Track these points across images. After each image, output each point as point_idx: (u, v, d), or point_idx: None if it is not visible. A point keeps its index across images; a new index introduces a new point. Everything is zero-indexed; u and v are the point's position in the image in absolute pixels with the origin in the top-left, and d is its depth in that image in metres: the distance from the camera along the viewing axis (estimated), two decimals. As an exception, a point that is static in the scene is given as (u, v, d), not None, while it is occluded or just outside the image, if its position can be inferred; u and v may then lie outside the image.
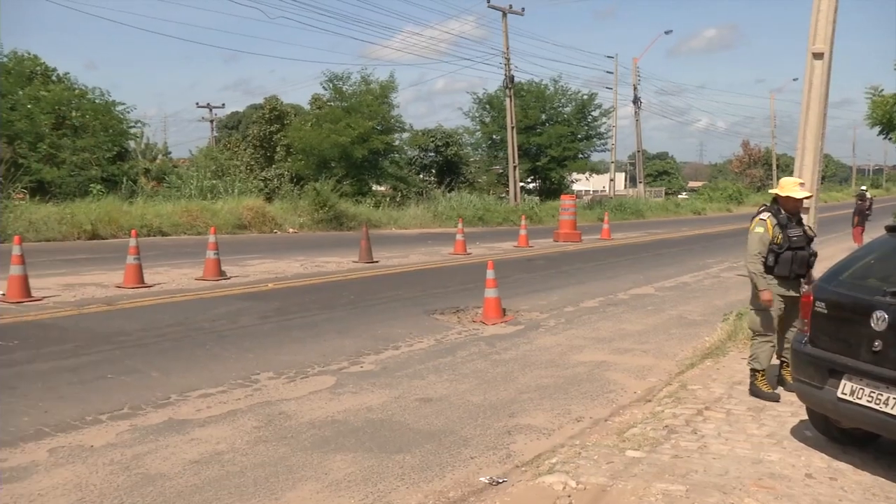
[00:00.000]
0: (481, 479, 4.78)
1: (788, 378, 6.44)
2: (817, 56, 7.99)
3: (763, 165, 74.15)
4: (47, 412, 5.80)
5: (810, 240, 6.58)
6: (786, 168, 58.77)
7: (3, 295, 10.17)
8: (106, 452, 5.05)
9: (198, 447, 5.19)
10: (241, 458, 5.03)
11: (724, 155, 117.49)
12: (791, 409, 5.99)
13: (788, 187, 6.52)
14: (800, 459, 5.06)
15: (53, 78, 27.05)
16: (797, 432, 5.58)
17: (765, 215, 6.45)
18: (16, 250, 10.27)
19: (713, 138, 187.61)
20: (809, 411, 5.52)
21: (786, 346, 6.54)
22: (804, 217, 6.82)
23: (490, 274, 10.13)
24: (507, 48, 34.96)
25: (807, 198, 6.65)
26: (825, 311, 5.17)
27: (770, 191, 6.90)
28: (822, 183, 8.66)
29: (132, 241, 11.86)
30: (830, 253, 14.32)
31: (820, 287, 5.40)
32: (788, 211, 6.49)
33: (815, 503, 4.39)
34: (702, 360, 7.78)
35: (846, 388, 4.87)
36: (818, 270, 6.70)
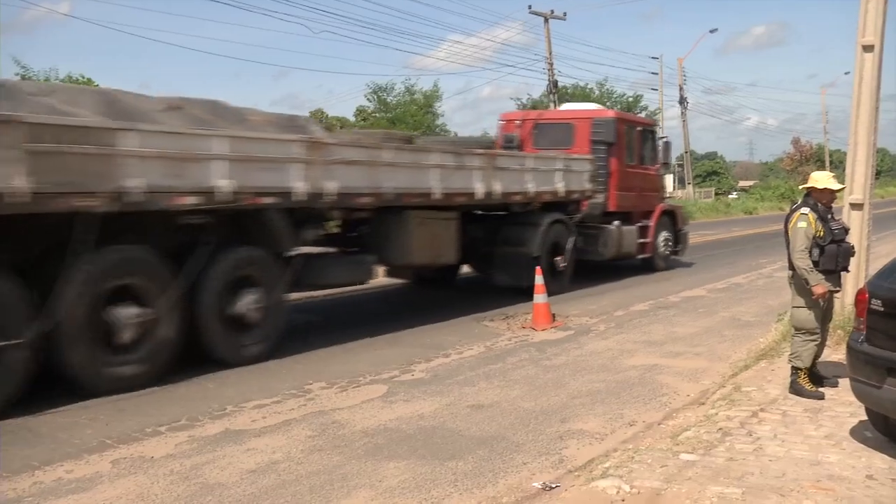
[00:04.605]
0: (534, 484, 4.78)
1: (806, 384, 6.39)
2: (867, 48, 7.82)
3: (815, 162, 72.58)
4: (108, 424, 5.97)
5: (846, 231, 6.50)
6: (839, 164, 57.49)
7: None
8: (166, 463, 5.18)
9: (254, 457, 5.29)
10: (297, 466, 5.12)
11: (774, 153, 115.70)
12: (850, 409, 5.86)
13: (824, 180, 6.46)
14: (860, 461, 4.95)
15: None
16: (856, 433, 5.46)
17: (805, 209, 6.36)
18: None
19: (763, 136, 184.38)
20: (868, 411, 5.40)
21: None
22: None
23: (539, 279, 10.12)
24: (550, 53, 34.90)
25: (842, 189, 6.60)
26: (882, 309, 5.06)
27: (801, 186, 6.83)
28: (877, 178, 8.48)
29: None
30: (888, 250, 13.97)
31: (876, 284, 5.29)
32: (824, 204, 6.43)
33: (877, 505, 4.31)
34: (756, 361, 7.66)
35: (906, 387, 4.77)
36: (873, 268, 6.59)
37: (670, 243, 15.97)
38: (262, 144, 7.92)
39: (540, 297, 10.04)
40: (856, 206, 7.97)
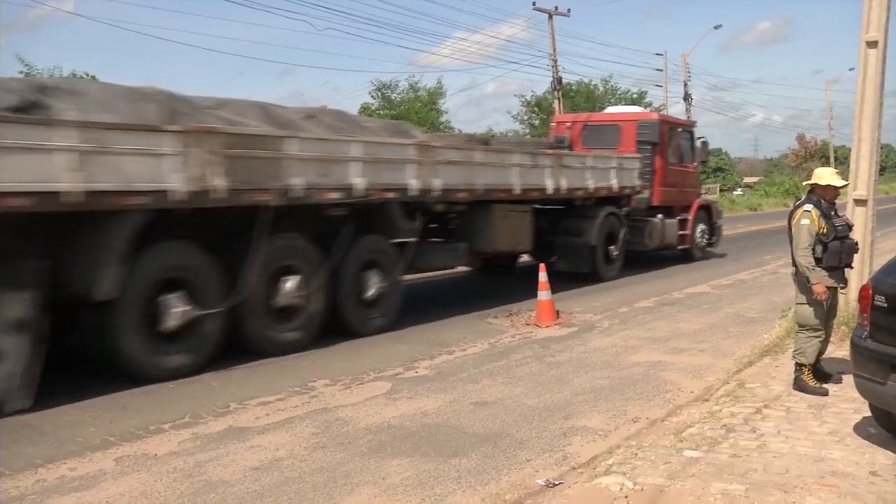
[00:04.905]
0: (537, 481, 4.78)
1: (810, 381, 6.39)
2: (871, 44, 7.79)
3: (820, 158, 72.30)
4: (112, 422, 5.98)
5: (850, 228, 6.48)
6: (844, 160, 57.25)
7: None
8: (169, 460, 5.19)
9: (258, 454, 5.30)
10: (300, 464, 5.13)
11: (779, 149, 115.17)
12: (854, 405, 5.84)
13: (826, 176, 6.46)
14: (863, 457, 4.95)
15: None
16: (861, 429, 5.45)
17: (808, 206, 6.35)
18: None
19: (768, 133, 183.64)
20: (873, 408, 5.38)
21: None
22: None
23: (542, 276, 10.12)
24: (555, 49, 34.70)
25: (845, 185, 6.60)
26: (885, 305, 5.04)
27: (805, 182, 6.81)
28: (882, 174, 8.46)
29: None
30: (892, 246, 13.95)
31: (880, 280, 5.27)
32: (827, 201, 6.42)
33: (881, 501, 4.30)
34: (760, 357, 7.65)
35: (910, 384, 4.75)
36: (877, 264, 6.58)
37: (706, 235, 17.21)
38: (387, 148, 9.48)
39: (544, 295, 10.04)
40: (860, 203, 7.96)
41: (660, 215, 15.50)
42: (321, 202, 8.45)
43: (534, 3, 33.91)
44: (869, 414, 5.50)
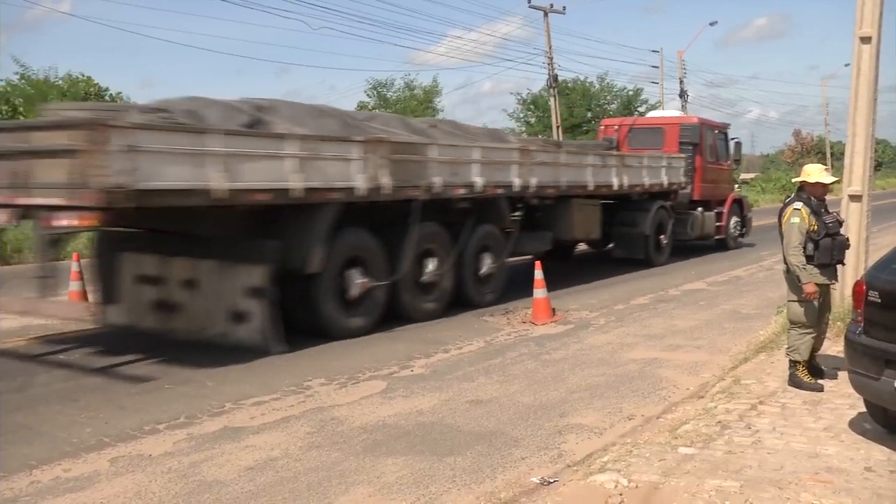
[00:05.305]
0: (532, 479, 4.78)
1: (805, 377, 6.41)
2: (865, 40, 7.79)
3: (816, 154, 72.31)
4: (108, 423, 5.98)
5: (840, 224, 6.48)
6: (840, 156, 57.24)
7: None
8: (164, 461, 5.19)
9: (252, 454, 5.30)
10: (295, 463, 5.12)
11: (775, 145, 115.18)
12: (849, 401, 5.85)
13: (816, 174, 6.46)
14: (858, 453, 4.95)
15: (106, 98, 27.79)
16: (855, 425, 5.45)
17: (797, 204, 6.32)
18: (74, 266, 10.71)
19: (765, 129, 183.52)
20: (867, 403, 5.39)
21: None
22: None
23: (538, 274, 10.11)
24: (550, 47, 34.71)
25: (835, 182, 6.60)
26: (879, 301, 5.06)
27: (794, 179, 6.80)
28: (878, 170, 8.47)
29: None
30: (888, 241, 13.91)
31: (873, 276, 5.29)
32: (817, 198, 6.41)
33: (876, 497, 4.30)
34: (755, 354, 7.66)
35: (904, 379, 4.76)
36: (873, 260, 6.58)
37: (739, 226, 18.91)
38: (497, 152, 11.38)
39: (540, 292, 10.04)
40: (854, 198, 7.96)
41: (700, 208, 17.28)
42: (453, 197, 10.41)
43: (529, 1, 33.92)
44: (864, 410, 5.50)
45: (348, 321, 8.99)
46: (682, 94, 45.31)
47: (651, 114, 21.23)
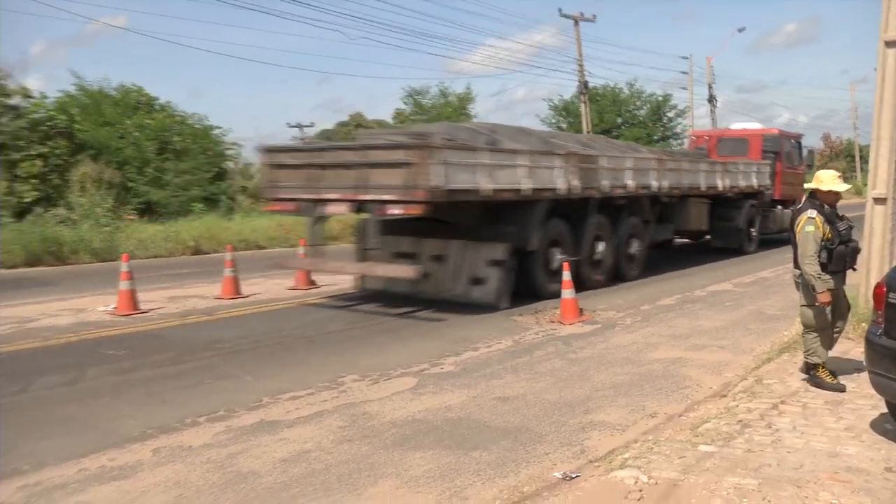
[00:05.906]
0: (555, 474, 4.93)
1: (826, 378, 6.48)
2: (890, 44, 7.79)
3: (845, 157, 71.25)
4: (151, 416, 6.23)
5: (852, 229, 6.49)
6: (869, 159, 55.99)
7: (114, 308, 10.85)
8: (203, 452, 5.42)
9: (287, 446, 5.51)
10: (327, 456, 5.33)
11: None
12: (871, 401, 5.91)
13: (829, 181, 6.44)
14: (879, 453, 5.01)
15: (156, 107, 28.65)
16: (877, 425, 5.52)
17: (811, 212, 6.32)
18: (124, 267, 10.90)
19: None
20: (889, 404, 5.45)
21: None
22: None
23: (566, 276, 10.24)
24: (581, 55, 34.81)
25: (847, 189, 6.60)
26: (899, 303, 5.13)
27: (807, 185, 6.79)
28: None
29: (227, 255, 12.50)
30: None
31: (893, 278, 5.35)
32: (829, 205, 6.41)
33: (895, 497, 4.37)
34: (779, 354, 7.72)
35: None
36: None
37: None
38: (643, 160, 14.40)
39: (568, 293, 10.16)
40: (879, 201, 7.98)
41: (779, 207, 20.23)
42: (614, 195, 13.23)
43: (560, 11, 34.18)
44: (886, 410, 5.56)
45: (550, 287, 11.37)
46: (711, 100, 44.98)
47: (734, 126, 23.32)
